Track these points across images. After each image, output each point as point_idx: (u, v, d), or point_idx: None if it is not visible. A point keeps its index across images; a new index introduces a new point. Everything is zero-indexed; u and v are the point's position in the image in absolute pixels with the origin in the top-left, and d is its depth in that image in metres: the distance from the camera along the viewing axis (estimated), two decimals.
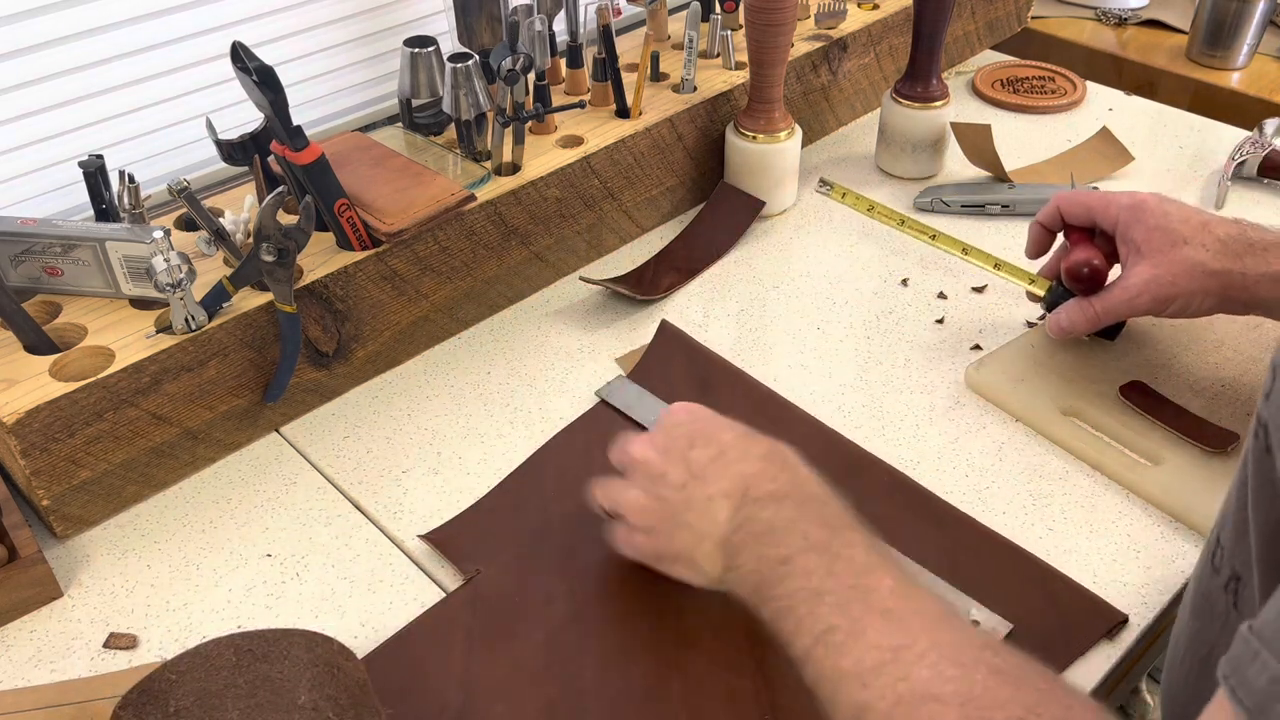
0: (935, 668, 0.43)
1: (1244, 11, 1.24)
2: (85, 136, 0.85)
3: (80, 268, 0.70)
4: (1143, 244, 0.68)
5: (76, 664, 0.60)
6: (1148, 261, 0.68)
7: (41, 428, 0.62)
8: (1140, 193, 0.71)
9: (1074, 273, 0.72)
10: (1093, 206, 0.72)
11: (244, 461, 0.74)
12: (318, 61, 0.96)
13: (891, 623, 0.46)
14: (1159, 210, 0.69)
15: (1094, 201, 0.72)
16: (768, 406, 0.76)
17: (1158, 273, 0.67)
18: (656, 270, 0.90)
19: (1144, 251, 0.68)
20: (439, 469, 0.72)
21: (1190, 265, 0.66)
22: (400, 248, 0.76)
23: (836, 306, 0.86)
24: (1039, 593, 0.62)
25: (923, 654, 0.44)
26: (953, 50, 1.21)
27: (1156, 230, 0.68)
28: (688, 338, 0.82)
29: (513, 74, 0.80)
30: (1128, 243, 0.70)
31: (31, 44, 0.79)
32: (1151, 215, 0.69)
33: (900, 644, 0.45)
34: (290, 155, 0.70)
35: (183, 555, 0.67)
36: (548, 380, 0.80)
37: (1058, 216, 0.75)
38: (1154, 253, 0.68)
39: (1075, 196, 0.73)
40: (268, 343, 0.71)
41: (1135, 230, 0.69)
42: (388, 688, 0.57)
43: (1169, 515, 0.67)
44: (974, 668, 0.43)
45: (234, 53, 0.66)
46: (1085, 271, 0.71)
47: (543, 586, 0.63)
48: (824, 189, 0.98)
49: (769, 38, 0.87)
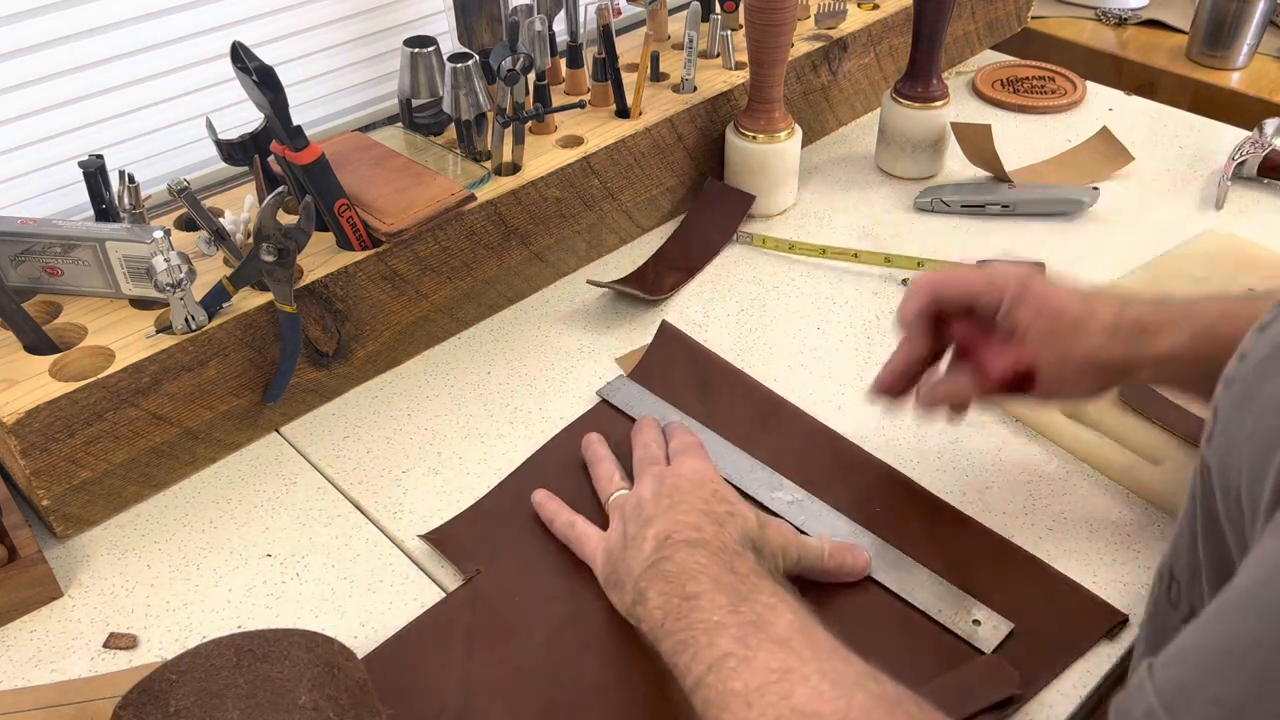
0: (816, 689, 0.46)
1: (1244, 11, 1.24)
2: (85, 136, 0.85)
3: (80, 268, 0.70)
4: (1029, 331, 0.61)
5: (76, 664, 0.60)
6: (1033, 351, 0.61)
7: (41, 428, 0.62)
8: (1017, 270, 0.63)
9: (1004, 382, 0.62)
10: (973, 291, 0.63)
11: (244, 461, 0.74)
12: (318, 61, 0.96)
13: (784, 649, 0.49)
14: (1042, 292, 0.61)
15: (973, 284, 0.63)
16: (768, 408, 0.76)
17: (1047, 364, 0.61)
18: (657, 270, 0.90)
19: (1029, 340, 0.61)
20: (439, 469, 0.72)
21: (1079, 357, 0.60)
22: (400, 248, 0.76)
23: (836, 306, 0.86)
24: (1039, 593, 0.62)
25: (806, 676, 0.47)
26: (953, 50, 1.21)
27: (1042, 317, 0.60)
28: (688, 339, 0.82)
29: (513, 74, 0.80)
30: (1009, 325, 0.62)
31: (31, 44, 0.79)
32: (1036, 298, 0.61)
33: (788, 667, 0.47)
34: (290, 155, 0.70)
35: (183, 555, 0.67)
36: (548, 380, 0.80)
37: (935, 302, 0.64)
38: (1040, 341, 0.60)
39: (952, 278, 0.63)
40: (268, 343, 0.71)
41: (1020, 315, 0.61)
42: (388, 688, 0.57)
43: (1169, 515, 0.67)
44: (853, 691, 0.46)
45: (234, 53, 0.66)
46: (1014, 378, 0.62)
47: (543, 586, 0.63)
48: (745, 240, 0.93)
49: (769, 38, 0.87)
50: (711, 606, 0.51)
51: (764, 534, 0.59)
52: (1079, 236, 0.94)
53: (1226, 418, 0.41)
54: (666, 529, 0.57)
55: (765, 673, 0.47)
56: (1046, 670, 0.58)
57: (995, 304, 0.62)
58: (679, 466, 0.63)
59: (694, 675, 0.50)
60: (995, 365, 0.62)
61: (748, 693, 0.47)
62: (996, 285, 0.62)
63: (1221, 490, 0.41)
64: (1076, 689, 0.57)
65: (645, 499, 0.60)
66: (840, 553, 0.62)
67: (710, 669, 0.49)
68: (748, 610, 0.51)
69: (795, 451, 0.72)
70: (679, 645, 0.51)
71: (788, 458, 0.71)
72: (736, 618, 0.51)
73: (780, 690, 0.46)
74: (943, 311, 0.64)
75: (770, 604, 0.51)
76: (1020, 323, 0.61)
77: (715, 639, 0.50)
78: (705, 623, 0.51)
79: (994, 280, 0.62)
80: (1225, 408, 0.42)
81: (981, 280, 0.63)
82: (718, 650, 0.49)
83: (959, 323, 0.64)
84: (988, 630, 0.59)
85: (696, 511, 0.58)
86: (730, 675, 0.48)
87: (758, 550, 0.57)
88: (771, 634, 0.49)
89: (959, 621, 0.60)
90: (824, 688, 0.46)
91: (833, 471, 0.70)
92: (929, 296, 0.64)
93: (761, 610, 0.51)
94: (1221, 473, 0.41)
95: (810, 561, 0.61)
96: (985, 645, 0.58)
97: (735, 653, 0.49)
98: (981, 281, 0.63)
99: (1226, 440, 0.41)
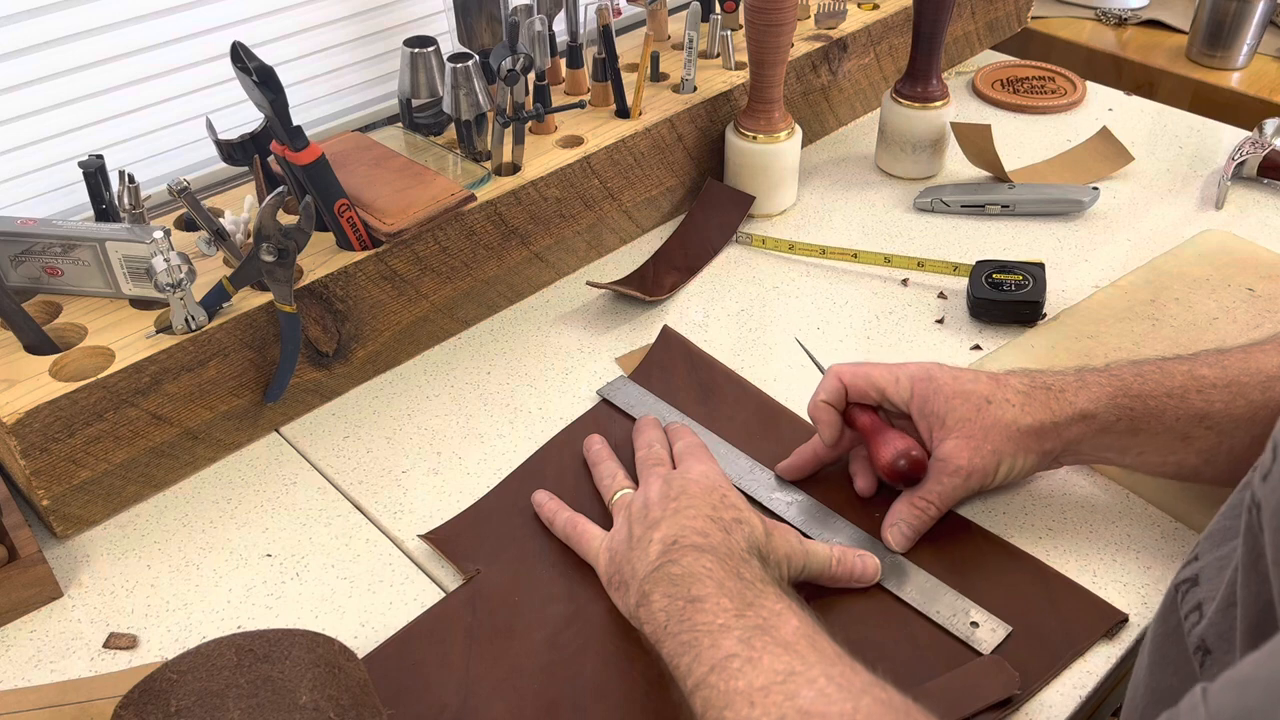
0: (823, 692, 0.46)
1: (1244, 11, 1.24)
2: (85, 136, 0.85)
3: (80, 268, 0.70)
4: (947, 416, 0.62)
5: (76, 664, 0.60)
6: (958, 434, 0.62)
7: (41, 428, 0.62)
8: (921, 363, 0.66)
9: (893, 470, 0.63)
10: (880, 383, 0.66)
11: (244, 461, 0.74)
12: (318, 61, 0.96)
13: (790, 653, 0.48)
14: (950, 375, 0.64)
15: (880, 376, 0.66)
16: (768, 412, 0.76)
17: (976, 443, 0.62)
18: (657, 271, 0.90)
19: (949, 424, 0.62)
20: (439, 469, 0.72)
21: (1003, 426, 0.61)
22: (400, 248, 0.76)
23: (836, 306, 0.86)
24: (1039, 593, 0.62)
25: (813, 680, 0.46)
26: (953, 50, 1.21)
27: (957, 397, 0.62)
28: (689, 343, 0.82)
29: (513, 74, 0.80)
30: (927, 416, 0.64)
31: (31, 44, 0.79)
32: (946, 383, 0.63)
33: (794, 670, 0.47)
34: (290, 155, 0.70)
35: (183, 555, 0.67)
36: (548, 380, 0.80)
37: (843, 393, 0.67)
38: (962, 423, 0.62)
39: (860, 371, 0.66)
40: (268, 343, 0.71)
41: (934, 402, 0.63)
42: (387, 687, 0.57)
43: (1169, 515, 0.67)
44: (860, 696, 0.45)
45: (234, 53, 0.66)
46: (904, 465, 0.63)
47: (543, 586, 0.63)
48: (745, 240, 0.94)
49: (769, 38, 0.87)
50: (716, 610, 0.51)
51: (770, 541, 0.59)
52: (1079, 236, 0.94)
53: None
54: (673, 533, 0.57)
55: (770, 674, 0.47)
56: (1046, 670, 0.58)
57: (905, 395, 0.65)
58: (687, 469, 0.63)
59: (696, 676, 0.49)
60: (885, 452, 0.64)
61: (751, 692, 0.47)
62: (900, 375, 0.65)
63: (1273, 530, 0.39)
64: (1076, 689, 0.57)
65: (652, 501, 0.60)
66: (849, 559, 0.61)
67: (713, 669, 0.49)
68: (753, 615, 0.51)
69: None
70: (682, 647, 0.51)
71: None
72: (741, 622, 0.50)
73: (786, 690, 0.46)
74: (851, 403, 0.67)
75: (776, 610, 0.51)
76: (937, 410, 0.63)
77: (719, 641, 0.50)
78: (709, 625, 0.51)
79: (895, 371, 0.66)
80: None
81: (884, 373, 0.66)
82: (722, 651, 0.49)
83: (865, 414, 0.67)
84: (985, 633, 0.59)
85: (704, 517, 0.58)
86: (734, 675, 0.48)
87: (763, 558, 0.57)
88: (777, 638, 0.49)
89: (956, 624, 0.60)
90: (830, 691, 0.46)
91: (832, 474, 0.70)
92: (839, 385, 0.67)
93: (767, 616, 0.51)
94: (1277, 514, 0.39)
95: (818, 568, 0.61)
96: (983, 648, 0.58)
97: (740, 654, 0.49)
98: (884, 375, 0.66)
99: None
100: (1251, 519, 0.42)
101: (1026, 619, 0.60)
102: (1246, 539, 0.42)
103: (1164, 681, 0.49)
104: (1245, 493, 0.43)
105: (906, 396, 0.65)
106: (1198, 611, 0.47)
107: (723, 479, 0.63)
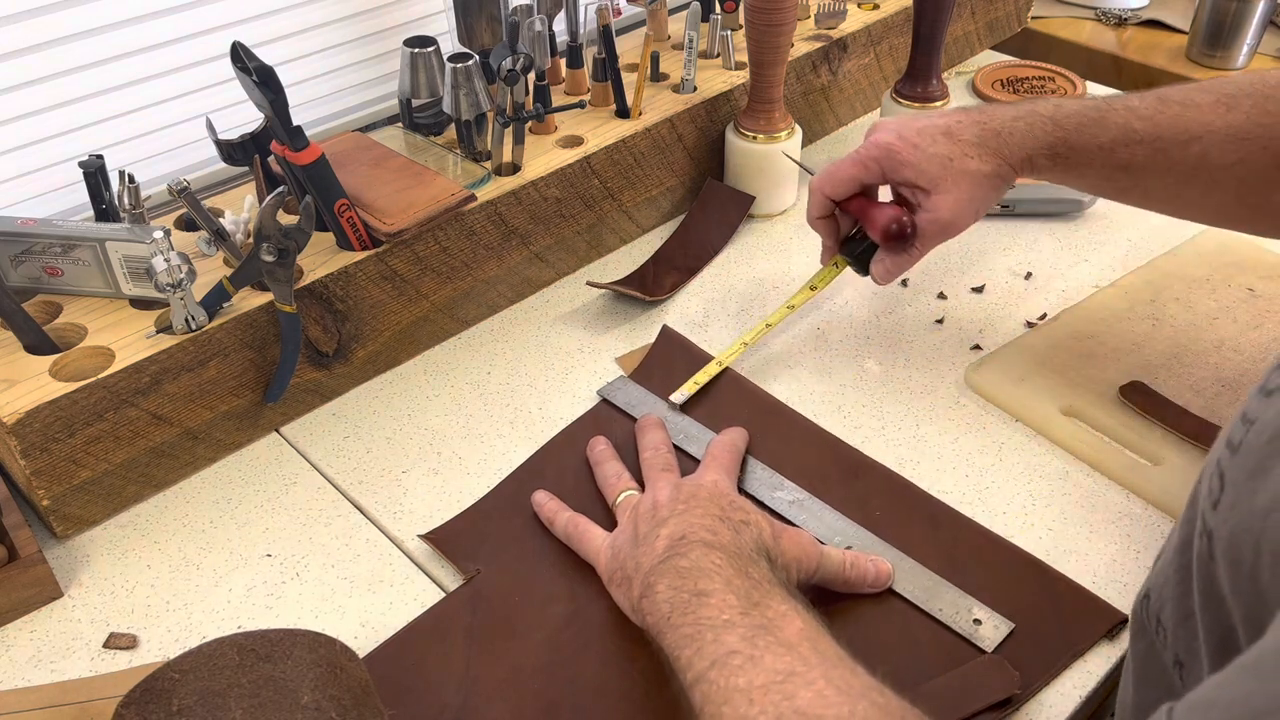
0: (821, 694, 0.46)
1: (1244, 11, 1.24)
2: (85, 136, 0.85)
3: (80, 268, 0.70)
4: (918, 180, 0.70)
5: (77, 664, 0.60)
6: (938, 193, 0.70)
7: (41, 428, 0.62)
8: (877, 139, 0.71)
9: (888, 233, 0.71)
10: (854, 176, 0.72)
11: (244, 461, 0.74)
12: (318, 61, 0.96)
13: (791, 654, 0.48)
14: (908, 145, 0.70)
15: (848, 172, 0.72)
16: (768, 411, 0.76)
17: (955, 195, 0.69)
18: (656, 271, 0.90)
19: (926, 185, 0.70)
20: (439, 469, 0.72)
21: (969, 176, 0.69)
22: (400, 248, 0.76)
23: (836, 307, 0.86)
24: (1039, 593, 0.62)
25: (812, 681, 0.47)
26: (953, 50, 1.21)
27: (923, 161, 0.69)
28: (689, 343, 0.82)
29: (513, 74, 0.80)
30: (900, 186, 0.72)
31: (31, 44, 0.79)
32: (905, 153, 0.70)
33: (794, 671, 0.47)
34: (290, 155, 0.70)
35: (183, 555, 0.67)
36: (548, 380, 0.80)
37: (828, 201, 0.74)
38: (935, 181, 0.69)
39: (833, 175, 0.73)
40: (268, 343, 0.71)
41: (902, 172, 0.70)
42: (388, 687, 0.57)
43: (1169, 515, 0.67)
44: (858, 699, 0.46)
45: (234, 53, 0.66)
46: (895, 229, 0.71)
47: (543, 586, 0.63)
48: None
49: (769, 38, 0.87)
50: (722, 605, 0.51)
51: (779, 545, 0.59)
52: (1079, 236, 0.94)
53: (1236, 489, 0.39)
54: (681, 529, 0.57)
55: (771, 673, 0.47)
56: (1046, 670, 0.58)
57: (878, 175, 0.72)
58: (698, 478, 0.64)
59: (696, 670, 0.49)
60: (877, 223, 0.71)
61: (751, 689, 0.47)
62: (865, 160, 0.71)
63: (1229, 561, 0.39)
64: (1076, 689, 0.57)
65: (661, 502, 0.60)
66: (862, 564, 0.62)
67: (714, 664, 0.49)
68: (758, 614, 0.51)
69: (795, 453, 0.72)
70: (684, 639, 0.51)
71: (788, 459, 0.71)
72: (746, 619, 0.50)
73: (784, 690, 0.46)
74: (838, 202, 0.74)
75: (781, 611, 0.51)
76: (908, 178, 0.70)
77: (722, 636, 0.50)
78: (713, 620, 0.51)
79: (859, 158, 0.72)
80: (1235, 478, 0.40)
81: (853, 166, 0.72)
82: (724, 647, 0.49)
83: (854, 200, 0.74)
84: (988, 629, 0.59)
85: (712, 516, 0.58)
86: (735, 672, 0.48)
87: (771, 560, 0.57)
88: (780, 638, 0.49)
89: (959, 621, 0.60)
90: (829, 693, 0.46)
91: (832, 472, 0.70)
92: (821, 196, 0.74)
93: (772, 616, 0.51)
94: (1231, 544, 0.39)
95: (830, 571, 0.61)
96: (986, 644, 0.58)
97: (741, 651, 0.49)
98: (854, 166, 0.72)
99: (1238, 513, 0.39)
100: (1202, 547, 0.42)
101: (1027, 619, 0.60)
102: (1199, 566, 0.42)
103: (1148, 697, 0.50)
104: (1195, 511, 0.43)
105: (878, 176, 0.72)
106: (1160, 626, 0.48)
107: (732, 489, 0.63)
